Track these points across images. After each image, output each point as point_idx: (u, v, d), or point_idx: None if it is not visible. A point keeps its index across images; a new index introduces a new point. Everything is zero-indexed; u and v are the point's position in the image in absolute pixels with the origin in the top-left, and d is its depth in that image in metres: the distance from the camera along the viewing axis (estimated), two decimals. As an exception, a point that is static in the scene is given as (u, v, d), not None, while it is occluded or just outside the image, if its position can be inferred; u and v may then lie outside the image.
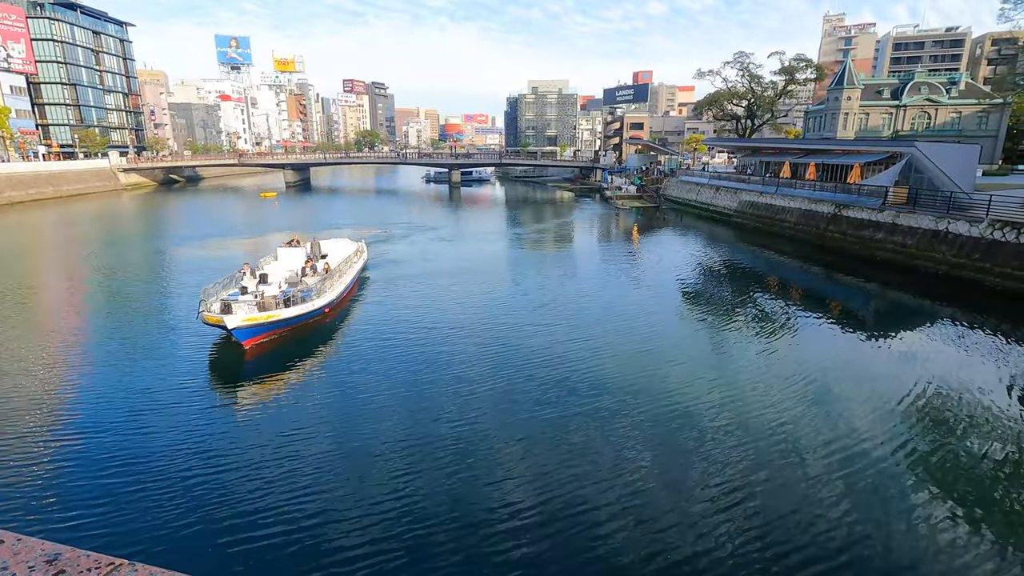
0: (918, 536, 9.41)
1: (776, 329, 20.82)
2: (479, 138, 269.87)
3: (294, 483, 10.78)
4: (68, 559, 1.48)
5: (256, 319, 17.24)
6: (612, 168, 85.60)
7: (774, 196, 43.78)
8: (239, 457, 11.76)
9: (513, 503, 10.21)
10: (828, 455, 11.80)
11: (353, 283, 23.93)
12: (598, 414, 13.60)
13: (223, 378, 16.54)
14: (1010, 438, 12.67)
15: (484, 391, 14.93)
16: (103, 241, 41.81)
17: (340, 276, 22.32)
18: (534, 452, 11.97)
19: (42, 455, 11.89)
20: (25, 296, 25.89)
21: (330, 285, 20.78)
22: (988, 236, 25.81)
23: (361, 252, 27.73)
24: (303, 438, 12.61)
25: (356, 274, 24.67)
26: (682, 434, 12.69)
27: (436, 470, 11.26)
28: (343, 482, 10.88)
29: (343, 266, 23.60)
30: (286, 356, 17.62)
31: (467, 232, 46.59)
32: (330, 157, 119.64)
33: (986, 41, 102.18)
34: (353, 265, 24.74)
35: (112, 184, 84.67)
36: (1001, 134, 70.32)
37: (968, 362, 17.62)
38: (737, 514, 9.89)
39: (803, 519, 9.77)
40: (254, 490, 10.58)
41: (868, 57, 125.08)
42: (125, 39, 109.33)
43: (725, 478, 10.99)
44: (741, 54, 71.71)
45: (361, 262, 26.51)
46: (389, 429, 13.01)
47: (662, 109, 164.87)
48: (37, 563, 1.46)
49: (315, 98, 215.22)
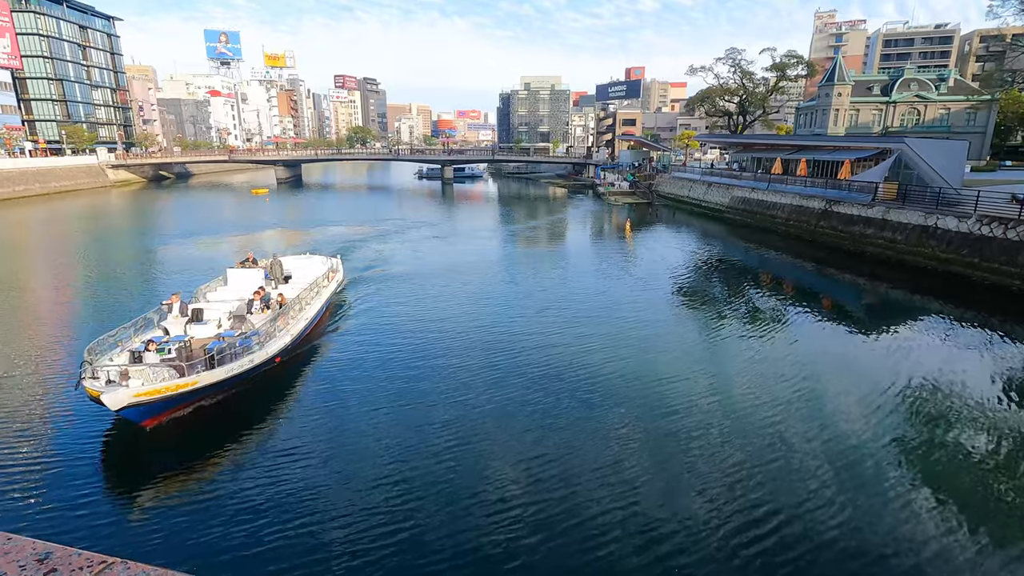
0: (907, 527, 9.51)
1: (767, 324, 20.95)
2: (471, 134, 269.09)
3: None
4: (59, 557, 1.47)
5: (157, 392, 11.74)
6: (605, 164, 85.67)
7: (765, 192, 43.98)
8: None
9: (510, 499, 10.22)
10: (818, 448, 11.90)
11: (322, 314, 19.17)
12: (592, 412, 13.63)
13: (115, 468, 11.79)
14: (998, 430, 12.84)
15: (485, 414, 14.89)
16: (88, 239, 41.34)
17: (301, 310, 17.24)
18: (533, 450, 11.98)
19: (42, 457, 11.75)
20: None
21: (283, 325, 15.75)
22: (976, 231, 26.07)
23: (335, 272, 22.53)
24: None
25: (325, 302, 19.73)
26: (675, 429, 12.74)
27: (429, 460, 11.25)
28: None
29: (308, 293, 18.45)
30: (210, 433, 12.77)
31: (460, 230, 46.48)
32: (322, 153, 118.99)
33: (974, 38, 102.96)
34: (322, 291, 19.78)
35: (100, 181, 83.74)
36: (989, 130, 71.02)
37: (957, 356, 17.81)
38: (730, 508, 9.96)
39: (793, 513, 9.84)
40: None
41: (859, 54, 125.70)
42: (112, 33, 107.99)
43: (717, 471, 11.06)
44: (733, 50, 71.96)
45: (334, 284, 21.54)
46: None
47: (654, 105, 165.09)
48: (28, 562, 1.44)
49: (306, 94, 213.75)
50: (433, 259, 32.50)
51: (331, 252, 26.41)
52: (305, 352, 16.93)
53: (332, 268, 22.60)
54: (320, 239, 38.05)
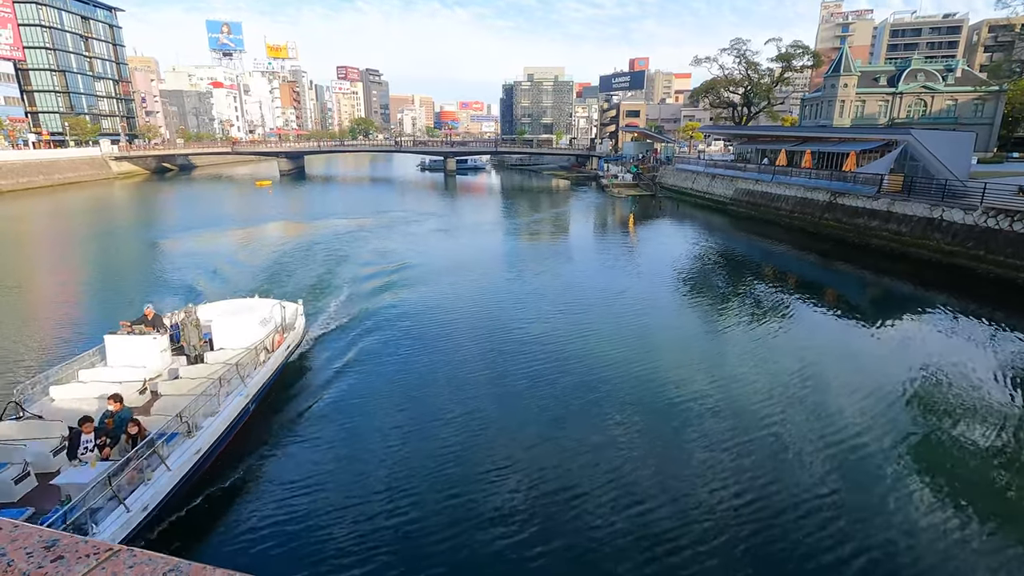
0: (909, 519, 9.54)
1: (771, 316, 20.92)
2: (474, 125, 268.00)
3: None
4: (66, 545, 1.47)
5: None
6: (608, 156, 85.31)
7: (770, 184, 43.76)
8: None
9: (509, 495, 10.29)
10: (822, 441, 11.91)
11: (256, 404, 12.65)
12: (597, 405, 13.68)
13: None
14: (1002, 424, 12.82)
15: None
16: (90, 234, 41.47)
17: (203, 418, 10.62)
18: (533, 446, 12.04)
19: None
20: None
21: (132, 482, 8.60)
22: (982, 224, 25.91)
23: (289, 328, 15.58)
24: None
25: (261, 385, 12.86)
26: (677, 421, 12.77)
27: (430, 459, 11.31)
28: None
29: (231, 375, 11.92)
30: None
31: (463, 224, 46.47)
32: (324, 145, 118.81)
33: (983, 28, 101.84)
34: (256, 371, 12.92)
35: (104, 172, 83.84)
36: (996, 122, 70.32)
37: (961, 349, 17.76)
38: (732, 499, 9.99)
39: (798, 506, 9.87)
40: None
41: (865, 44, 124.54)
42: (114, 24, 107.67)
43: (721, 463, 11.09)
44: (738, 40, 71.30)
45: (283, 351, 14.48)
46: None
47: (658, 96, 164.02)
48: (35, 549, 1.45)
49: (308, 85, 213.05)
50: (436, 254, 32.50)
51: (297, 286, 19.28)
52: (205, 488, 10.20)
53: (285, 322, 15.42)
54: (324, 233, 38.13)
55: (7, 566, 1.38)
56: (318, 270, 26.70)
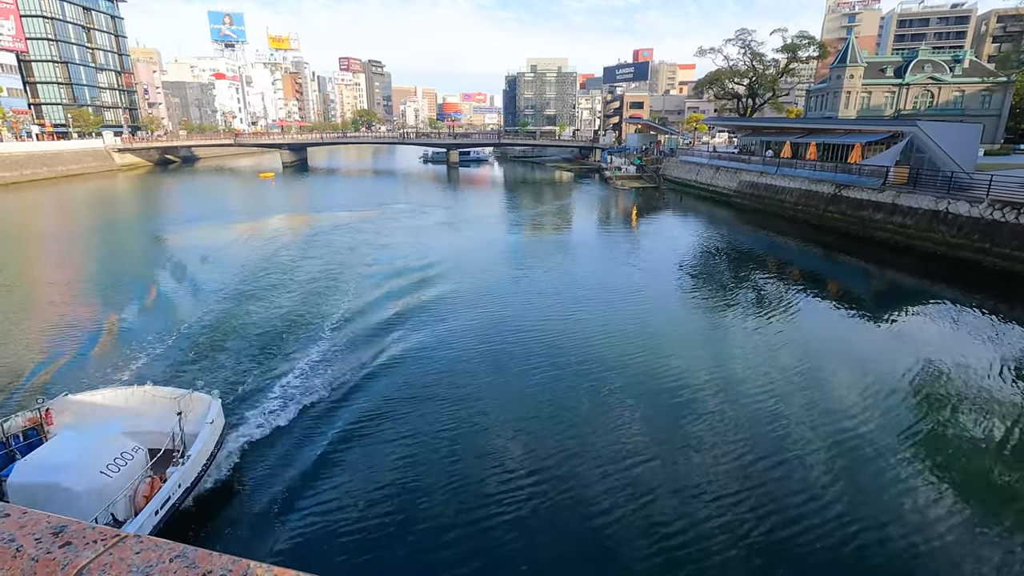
0: (915, 511, 9.55)
1: (775, 309, 20.88)
2: (477, 117, 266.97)
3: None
4: (73, 531, 1.49)
5: None
6: (612, 148, 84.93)
7: (774, 176, 43.53)
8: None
9: (510, 484, 10.35)
10: (825, 434, 11.92)
11: None
12: (601, 398, 13.72)
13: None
14: (1007, 417, 12.80)
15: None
16: (96, 226, 41.57)
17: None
18: (533, 439, 12.08)
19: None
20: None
21: None
22: (988, 216, 25.75)
23: (180, 459, 8.78)
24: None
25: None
26: (680, 413, 12.79)
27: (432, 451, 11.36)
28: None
29: None
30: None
31: (466, 216, 46.44)
32: (327, 137, 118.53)
33: (991, 18, 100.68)
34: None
35: (107, 164, 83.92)
36: (1004, 113, 69.70)
37: (966, 342, 17.71)
38: (734, 493, 10.03)
39: (800, 499, 9.90)
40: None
41: (872, 34, 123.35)
42: (116, 15, 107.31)
43: (723, 455, 11.12)
44: (743, 31, 70.73)
45: (159, 501, 7.95)
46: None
47: (662, 88, 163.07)
48: (43, 535, 1.47)
49: (311, 76, 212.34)
50: (441, 248, 32.47)
51: (204, 375, 13.93)
52: None
53: (176, 443, 9.38)
54: (327, 224, 38.15)
55: (16, 551, 1.40)
56: (322, 266, 26.74)
